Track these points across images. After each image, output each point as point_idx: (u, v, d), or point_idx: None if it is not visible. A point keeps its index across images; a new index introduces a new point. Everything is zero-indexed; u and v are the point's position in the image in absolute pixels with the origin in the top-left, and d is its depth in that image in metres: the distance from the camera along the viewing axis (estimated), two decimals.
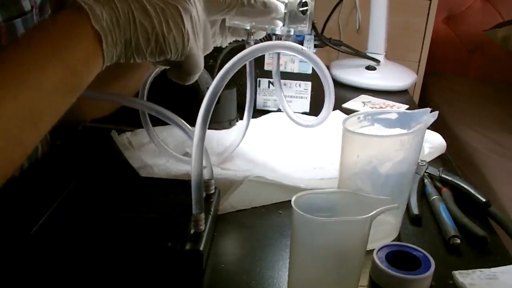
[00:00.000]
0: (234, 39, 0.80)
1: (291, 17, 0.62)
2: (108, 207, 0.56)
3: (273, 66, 0.72)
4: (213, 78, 0.79)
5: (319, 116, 0.63)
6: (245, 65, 0.52)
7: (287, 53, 0.91)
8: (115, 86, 0.81)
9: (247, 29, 0.68)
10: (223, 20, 0.76)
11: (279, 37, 0.67)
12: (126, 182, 0.62)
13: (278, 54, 0.72)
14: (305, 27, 0.63)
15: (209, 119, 0.48)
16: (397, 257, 0.48)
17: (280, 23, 0.63)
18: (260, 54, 0.51)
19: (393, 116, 0.58)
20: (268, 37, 0.86)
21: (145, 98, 0.68)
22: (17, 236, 0.52)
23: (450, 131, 1.76)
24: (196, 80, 0.78)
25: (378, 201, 0.46)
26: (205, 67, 0.75)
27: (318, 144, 0.81)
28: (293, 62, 0.92)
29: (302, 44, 1.00)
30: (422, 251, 0.49)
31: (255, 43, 0.69)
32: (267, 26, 0.64)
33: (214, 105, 0.48)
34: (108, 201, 0.57)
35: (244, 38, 0.70)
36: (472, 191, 0.67)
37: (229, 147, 0.75)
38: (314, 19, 1.20)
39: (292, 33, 0.63)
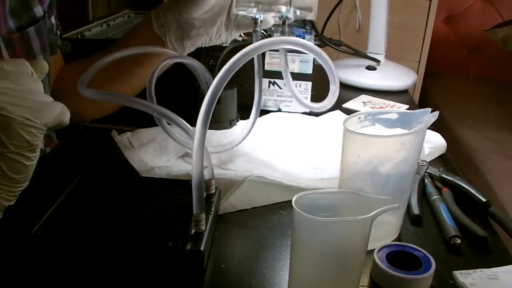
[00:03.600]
0: (240, 33, 0.79)
1: None
2: (109, 207, 0.56)
3: (281, 63, 0.71)
4: (213, 78, 0.79)
5: (325, 100, 0.61)
6: (247, 65, 0.51)
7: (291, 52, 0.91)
8: (120, 83, 0.82)
9: (253, 18, 0.67)
10: (228, 16, 0.75)
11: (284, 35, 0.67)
12: (126, 182, 0.62)
13: (285, 51, 0.71)
14: (311, 12, 0.63)
15: (209, 119, 0.48)
16: (398, 257, 0.48)
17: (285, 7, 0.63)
18: (262, 51, 0.51)
19: (394, 116, 0.58)
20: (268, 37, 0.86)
21: (153, 95, 0.67)
22: (18, 236, 0.52)
23: (450, 131, 1.76)
24: (196, 80, 0.79)
25: (378, 201, 0.46)
26: (205, 67, 0.75)
27: (318, 144, 0.81)
28: (293, 62, 0.92)
29: None
30: (423, 251, 0.48)
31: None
32: (273, 7, 0.64)
33: (215, 104, 0.48)
34: (108, 201, 0.57)
35: (250, 30, 0.69)
36: (472, 191, 0.67)
37: (230, 142, 0.74)
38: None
39: (298, 13, 0.63)
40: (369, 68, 1.21)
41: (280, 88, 0.94)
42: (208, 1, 0.72)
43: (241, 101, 0.89)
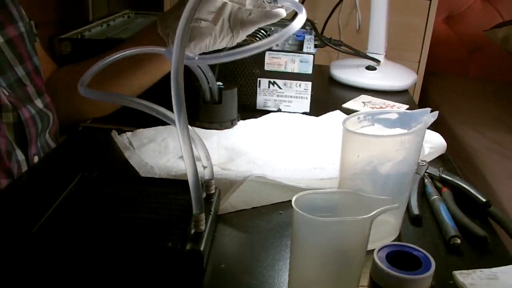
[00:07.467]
0: (246, 33, 0.77)
1: None
2: (108, 208, 0.56)
3: None
4: (215, 77, 0.79)
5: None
6: (247, 65, 0.51)
7: (291, 52, 0.92)
8: (120, 84, 0.82)
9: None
10: (232, 15, 0.74)
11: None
12: (126, 182, 0.62)
13: None
14: None
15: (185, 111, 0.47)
16: (398, 257, 0.48)
17: None
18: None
19: (393, 116, 0.58)
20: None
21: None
22: (18, 236, 0.52)
23: (450, 131, 1.76)
24: (197, 80, 0.79)
25: (378, 201, 0.46)
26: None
27: (318, 144, 0.81)
28: (293, 62, 0.92)
29: (302, 44, 1.01)
30: (423, 251, 0.48)
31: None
32: None
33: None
34: (108, 201, 0.57)
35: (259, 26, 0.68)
36: (472, 191, 0.67)
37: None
38: (314, 19, 1.21)
39: None
40: (369, 68, 1.21)
41: (280, 88, 0.94)
42: (213, 2, 0.71)
43: (241, 101, 0.89)
